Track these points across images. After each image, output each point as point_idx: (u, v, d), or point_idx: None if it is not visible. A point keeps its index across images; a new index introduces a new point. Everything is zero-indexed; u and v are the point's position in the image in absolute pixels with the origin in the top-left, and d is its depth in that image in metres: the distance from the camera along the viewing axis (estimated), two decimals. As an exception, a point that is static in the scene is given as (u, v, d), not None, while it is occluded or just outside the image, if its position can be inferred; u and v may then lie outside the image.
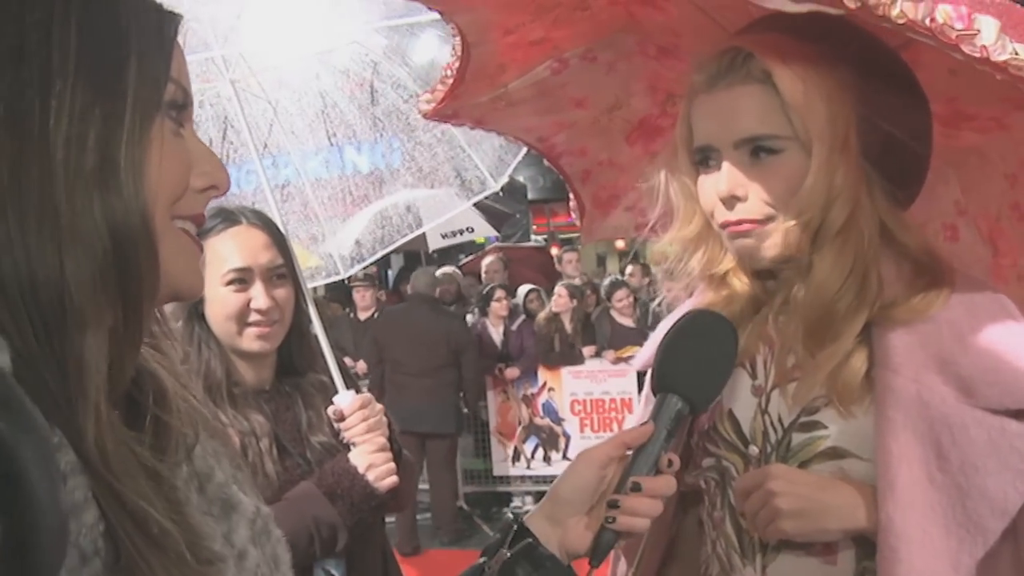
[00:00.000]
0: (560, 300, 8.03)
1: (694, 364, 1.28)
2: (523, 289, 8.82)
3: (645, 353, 1.70)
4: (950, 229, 1.67)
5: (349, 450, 1.99)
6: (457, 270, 10.26)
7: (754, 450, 1.44)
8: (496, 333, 8.07)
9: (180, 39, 0.82)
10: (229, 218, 1.95)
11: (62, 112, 0.69)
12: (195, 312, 1.93)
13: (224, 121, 2.97)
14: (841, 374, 1.34)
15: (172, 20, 0.81)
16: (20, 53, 0.69)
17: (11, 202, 0.67)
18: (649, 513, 1.21)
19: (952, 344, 1.29)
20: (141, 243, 0.73)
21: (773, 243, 1.36)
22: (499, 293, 8.13)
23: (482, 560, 1.19)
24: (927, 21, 1.05)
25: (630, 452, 1.25)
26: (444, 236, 9.63)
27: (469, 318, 8.43)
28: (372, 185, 3.44)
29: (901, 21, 1.05)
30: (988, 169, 1.56)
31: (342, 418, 2.01)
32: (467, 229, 9.76)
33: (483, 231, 10.14)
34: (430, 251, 10.22)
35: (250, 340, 1.92)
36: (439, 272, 9.81)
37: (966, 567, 1.23)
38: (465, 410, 7.84)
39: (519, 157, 3.15)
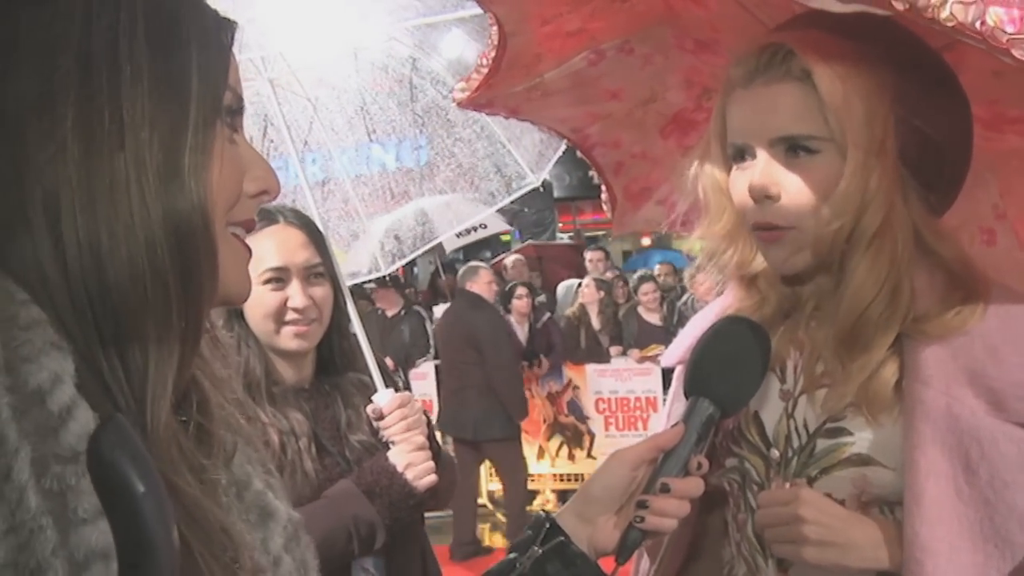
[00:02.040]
0: (587, 292, 8.00)
1: (727, 369, 1.31)
2: (563, 285, 8.79)
3: (673, 350, 1.69)
4: (987, 233, 1.63)
5: (388, 449, 1.99)
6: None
7: (775, 453, 1.42)
8: (520, 331, 8.00)
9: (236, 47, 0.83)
10: (267, 217, 1.96)
11: (130, 119, 0.70)
12: (234, 311, 1.94)
13: (264, 119, 3.00)
14: (871, 384, 1.33)
15: (229, 27, 0.81)
16: (88, 61, 0.70)
17: (80, 207, 0.68)
18: (677, 514, 1.24)
19: (984, 357, 1.27)
20: (203, 248, 0.74)
21: (805, 252, 1.34)
22: (520, 291, 8.06)
23: (512, 556, 1.19)
24: (977, 24, 1.03)
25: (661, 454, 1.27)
26: (458, 235, 9.57)
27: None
28: (412, 181, 3.46)
29: (951, 24, 1.04)
30: None
31: (381, 417, 2.02)
32: (480, 226, 9.61)
33: (496, 227, 10.04)
34: (447, 252, 10.13)
35: (288, 339, 1.93)
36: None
37: None
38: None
39: (559, 152, 3.15)
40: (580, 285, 8.73)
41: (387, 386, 2.09)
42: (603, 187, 1.94)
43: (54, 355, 0.64)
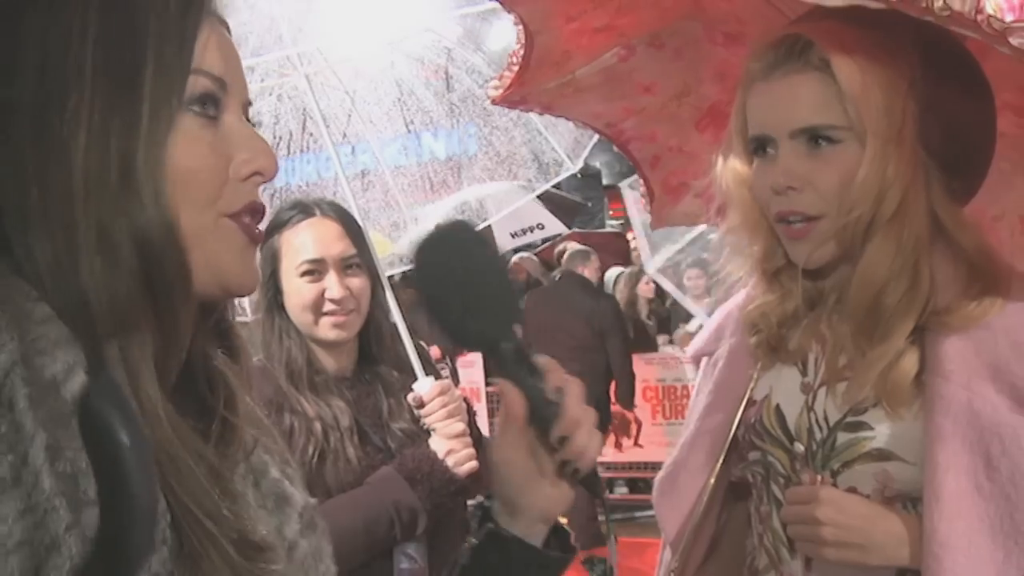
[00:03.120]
0: (647, 287, 7.95)
1: (477, 302, 0.96)
2: (612, 272, 8.74)
3: (697, 342, 1.70)
4: None
5: (430, 436, 2.02)
6: (533, 256, 10.17)
7: (799, 447, 1.42)
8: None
9: (208, 29, 0.80)
10: (304, 210, 2.02)
11: (80, 124, 0.69)
12: (275, 303, 2.01)
13: (303, 113, 3.02)
14: (891, 375, 1.31)
15: (194, 6, 0.77)
16: (43, 66, 0.69)
17: (38, 217, 0.68)
18: (590, 443, 1.00)
19: (1007, 352, 1.25)
20: (167, 251, 0.72)
21: (829, 244, 1.34)
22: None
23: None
24: (974, 13, 1.02)
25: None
26: (514, 235, 9.38)
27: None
28: (451, 171, 3.47)
29: (946, 14, 1.02)
30: None
31: (421, 404, 2.06)
32: (537, 226, 9.49)
33: (554, 228, 9.89)
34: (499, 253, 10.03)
35: (326, 329, 1.97)
36: (515, 257, 9.74)
37: None
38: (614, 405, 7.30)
39: (595, 139, 3.13)
40: (622, 274, 8.64)
41: (427, 374, 2.13)
42: (641, 181, 1.93)
43: (68, 348, 0.67)
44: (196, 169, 0.76)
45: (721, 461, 1.52)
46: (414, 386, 2.08)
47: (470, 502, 2.05)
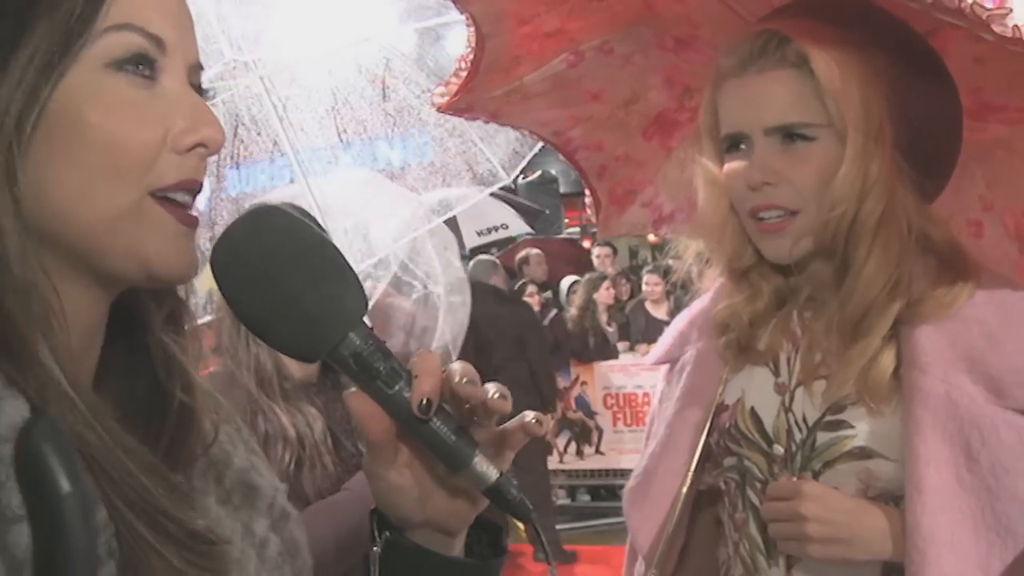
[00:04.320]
0: (605, 293, 7.97)
1: (309, 300, 0.74)
2: (566, 281, 8.76)
3: (658, 348, 1.68)
4: (974, 225, 1.63)
5: None
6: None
7: (779, 449, 1.40)
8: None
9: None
10: None
11: None
12: None
13: (236, 118, 2.97)
14: (871, 372, 1.31)
15: None
16: None
17: None
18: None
19: (982, 343, 1.27)
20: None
21: (807, 239, 1.33)
22: (530, 288, 8.03)
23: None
24: (957, 1, 1.03)
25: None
26: (479, 233, 9.49)
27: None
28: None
29: (929, 0, 1.04)
30: (1016, 163, 1.52)
31: None
32: (502, 226, 9.62)
33: (517, 227, 10.05)
34: (467, 250, 10.11)
35: None
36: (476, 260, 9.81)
37: (996, 571, 1.20)
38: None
39: (534, 150, 3.14)
40: (577, 281, 8.68)
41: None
42: (587, 191, 1.92)
43: None
44: (120, 138, 0.68)
45: (693, 469, 1.49)
46: (344, 394, 2.05)
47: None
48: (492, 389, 0.76)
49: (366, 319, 0.78)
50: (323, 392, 2.02)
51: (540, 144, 2.90)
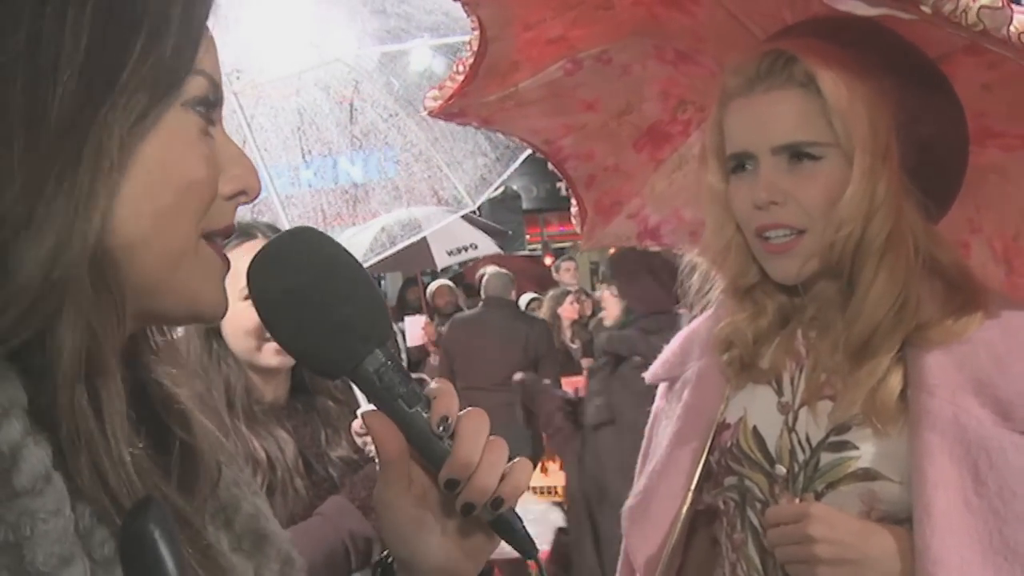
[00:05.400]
0: (570, 308, 7.96)
1: (321, 322, 0.79)
2: (525, 298, 8.73)
3: (656, 366, 1.67)
4: (963, 247, 1.62)
5: (373, 462, 1.95)
6: (450, 282, 10.19)
7: (781, 470, 1.39)
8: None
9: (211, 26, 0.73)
10: (244, 232, 1.92)
11: (57, 95, 0.63)
12: (212, 329, 1.91)
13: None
14: (878, 394, 1.31)
15: (202, 3, 0.72)
16: (38, 38, 0.63)
17: (17, 210, 0.62)
18: (488, 480, 0.80)
19: (989, 366, 1.27)
20: (71, 281, 0.62)
21: (813, 260, 1.33)
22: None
23: None
24: (1003, 30, 1.04)
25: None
26: (450, 253, 9.48)
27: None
28: (346, 203, 3.43)
29: (978, 29, 1.03)
30: (1008, 188, 1.54)
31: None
32: (471, 246, 9.62)
33: (486, 247, 10.10)
34: (438, 269, 10.18)
35: (269, 355, 1.89)
36: (434, 285, 9.70)
37: None
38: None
39: (503, 176, 3.16)
40: (536, 299, 8.74)
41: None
42: (573, 200, 1.91)
43: (2, 386, 0.59)
44: (195, 180, 0.70)
45: (694, 488, 1.48)
46: (359, 412, 2.01)
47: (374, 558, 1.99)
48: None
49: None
50: (293, 416, 1.97)
51: (509, 171, 2.93)
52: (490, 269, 8.35)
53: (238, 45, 2.77)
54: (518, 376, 5.26)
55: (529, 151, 2.11)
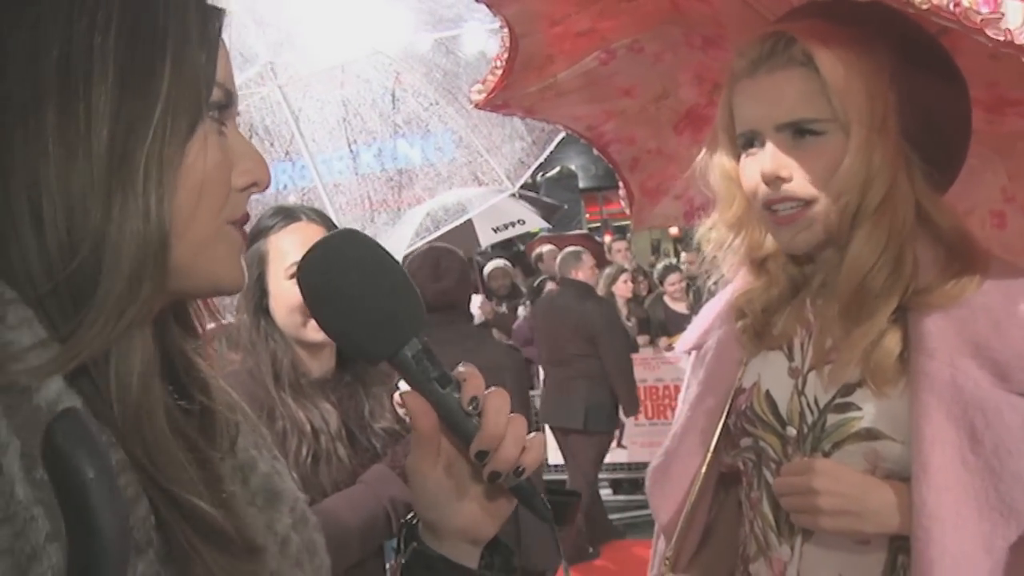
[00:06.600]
0: (623, 286, 7.96)
1: (366, 313, 0.89)
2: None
3: (689, 336, 1.74)
4: (997, 216, 1.66)
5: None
6: (508, 263, 10.17)
7: (792, 431, 1.46)
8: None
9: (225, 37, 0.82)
10: (290, 215, 2.06)
11: (94, 119, 0.69)
12: (261, 306, 2.03)
13: (250, 128, 3.04)
14: (875, 354, 1.36)
15: (215, 17, 0.78)
16: (68, 62, 0.70)
17: (59, 212, 0.69)
18: (526, 457, 0.91)
19: (987, 329, 1.30)
20: (154, 258, 0.71)
21: (816, 229, 1.39)
22: (550, 285, 7.95)
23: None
24: (952, 6, 1.08)
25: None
26: (496, 230, 9.37)
27: (521, 311, 8.33)
28: (391, 189, 3.51)
29: (925, 7, 1.09)
30: None
31: None
32: (518, 222, 9.43)
33: (534, 223, 9.88)
34: (482, 248, 10.02)
35: (315, 331, 1.96)
36: (489, 266, 9.71)
37: (999, 549, 1.24)
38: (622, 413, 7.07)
39: (540, 159, 3.23)
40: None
41: None
42: (620, 183, 1.98)
43: (41, 353, 0.66)
44: (214, 180, 0.77)
45: (712, 449, 1.55)
46: (400, 385, 2.11)
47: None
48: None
49: None
50: (337, 389, 2.07)
51: (546, 153, 2.99)
52: (547, 248, 8.29)
53: (280, 39, 2.84)
54: None
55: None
